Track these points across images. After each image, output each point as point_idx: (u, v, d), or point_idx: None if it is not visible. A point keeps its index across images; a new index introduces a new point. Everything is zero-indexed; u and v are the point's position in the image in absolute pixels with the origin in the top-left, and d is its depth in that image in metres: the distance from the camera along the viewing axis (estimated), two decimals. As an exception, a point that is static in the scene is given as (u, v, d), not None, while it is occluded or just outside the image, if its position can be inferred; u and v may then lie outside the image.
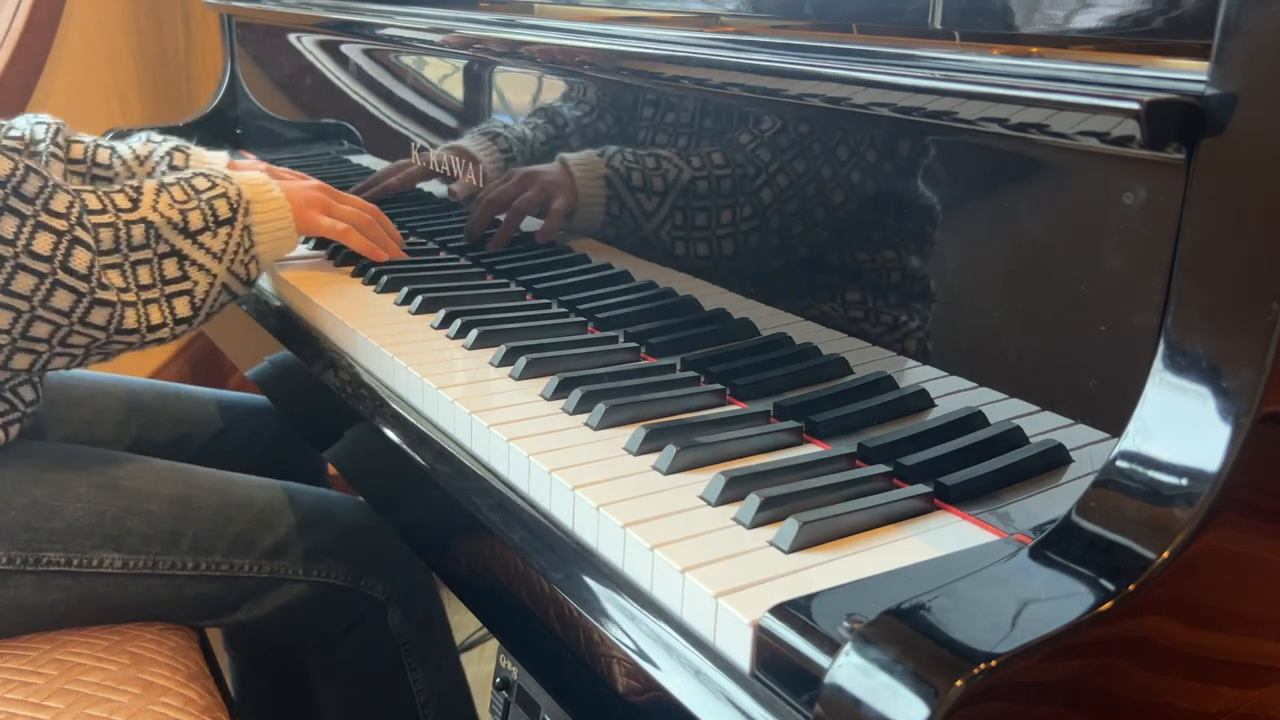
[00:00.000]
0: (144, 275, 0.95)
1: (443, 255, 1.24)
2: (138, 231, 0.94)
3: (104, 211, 0.93)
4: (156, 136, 1.28)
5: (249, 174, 1.07)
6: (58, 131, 1.18)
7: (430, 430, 0.86)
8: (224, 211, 1.01)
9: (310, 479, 1.37)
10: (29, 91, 2.02)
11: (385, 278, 1.12)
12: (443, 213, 1.28)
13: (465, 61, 1.19)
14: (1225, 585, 0.53)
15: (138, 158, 1.24)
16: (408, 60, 1.30)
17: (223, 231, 1.00)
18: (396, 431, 0.88)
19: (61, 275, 0.88)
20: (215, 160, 1.27)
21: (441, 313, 1.01)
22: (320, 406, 1.06)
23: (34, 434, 1.09)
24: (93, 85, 2.15)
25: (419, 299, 1.05)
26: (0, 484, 0.98)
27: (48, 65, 2.05)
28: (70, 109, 2.08)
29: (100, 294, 0.90)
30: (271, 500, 1.09)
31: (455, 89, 1.22)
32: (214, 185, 1.02)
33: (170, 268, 0.96)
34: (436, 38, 1.20)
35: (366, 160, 1.45)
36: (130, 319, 0.93)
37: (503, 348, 0.92)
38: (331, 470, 1.50)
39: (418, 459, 0.84)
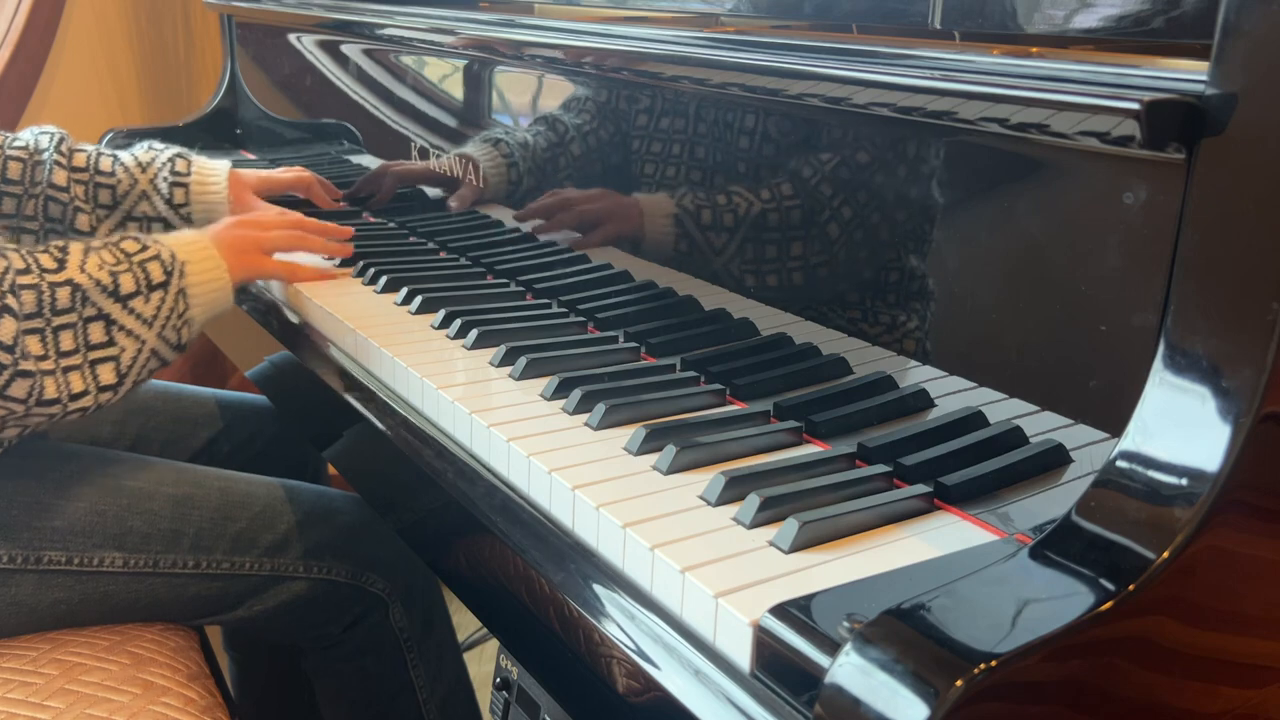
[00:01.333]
0: (66, 341, 0.89)
1: (443, 255, 1.24)
2: (63, 295, 0.89)
3: (28, 272, 0.88)
4: (158, 145, 1.28)
5: (181, 233, 1.04)
6: (61, 141, 1.19)
7: (430, 430, 0.86)
8: (157, 275, 0.96)
9: (310, 479, 1.37)
10: (29, 91, 2.02)
11: (385, 278, 1.12)
12: (443, 213, 1.28)
13: (465, 62, 1.19)
14: (1225, 585, 0.53)
15: (140, 165, 1.25)
16: (408, 60, 1.30)
17: (155, 296, 0.95)
18: (396, 431, 0.88)
19: None
20: (217, 168, 1.28)
21: (441, 313, 1.01)
22: (320, 406, 1.06)
23: (34, 434, 1.09)
24: (93, 85, 2.15)
25: (419, 299, 1.05)
26: (1, 483, 0.98)
27: (48, 65, 2.05)
28: (70, 109, 2.09)
29: (22, 365, 0.86)
30: (272, 498, 1.09)
31: (455, 89, 1.22)
32: (145, 248, 0.97)
33: (96, 333, 0.91)
34: (436, 38, 1.20)
35: (366, 160, 1.45)
36: (50, 389, 0.88)
37: (503, 348, 0.92)
38: (331, 470, 1.50)
39: (417, 459, 0.84)
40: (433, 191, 1.30)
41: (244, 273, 1.06)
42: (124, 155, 1.25)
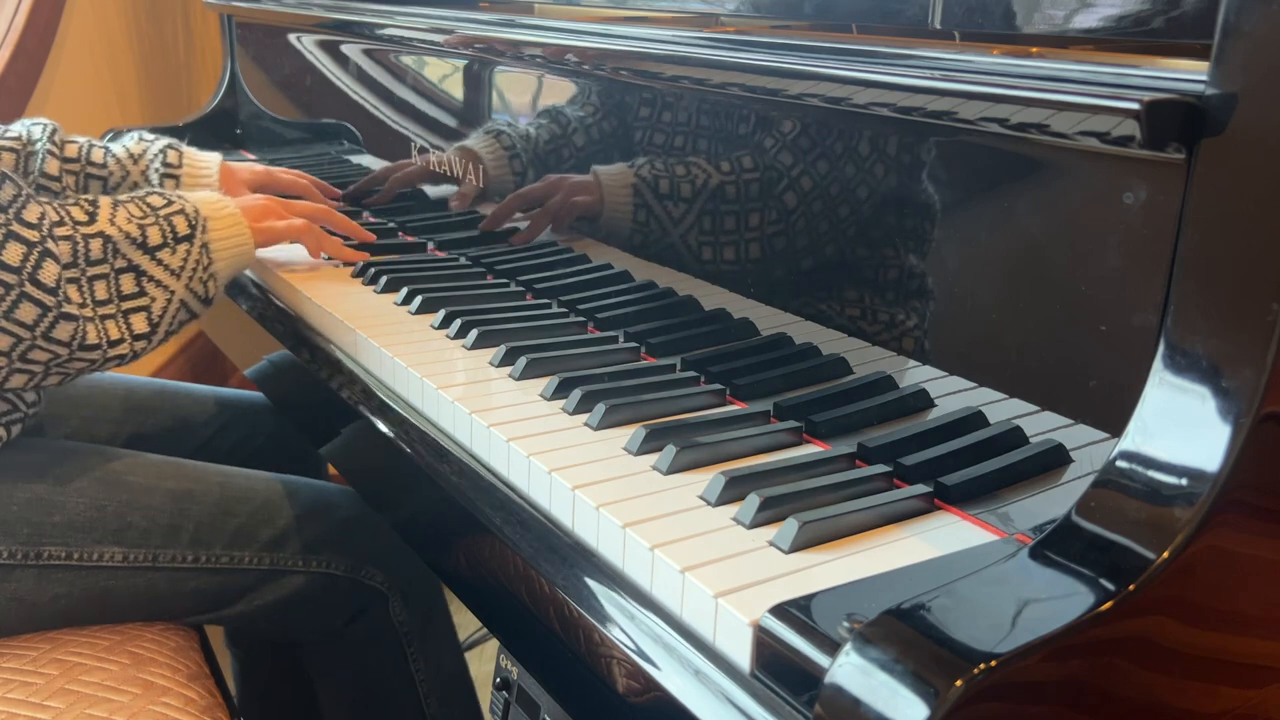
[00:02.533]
0: (100, 290, 0.92)
1: (442, 255, 1.24)
2: (95, 246, 0.92)
3: (61, 224, 0.91)
4: (149, 135, 1.29)
5: (202, 193, 1.06)
6: (54, 132, 1.20)
7: (430, 430, 0.86)
8: (183, 228, 0.99)
9: (309, 477, 1.37)
10: (29, 91, 2.02)
11: (385, 278, 1.12)
12: (443, 212, 1.28)
13: (465, 61, 1.19)
14: (1225, 585, 0.53)
15: (131, 156, 1.26)
16: (408, 60, 1.30)
17: (181, 248, 0.99)
18: (396, 431, 0.88)
19: (29, 288, 0.86)
20: (208, 160, 1.29)
21: (441, 313, 1.01)
22: (319, 405, 1.06)
23: (34, 432, 1.09)
24: (93, 85, 2.15)
25: (419, 299, 1.05)
26: (1, 479, 0.98)
27: (48, 65, 2.05)
28: (70, 109, 2.09)
29: (65, 308, 0.89)
30: (271, 493, 1.10)
31: (455, 89, 1.22)
32: (170, 203, 1.00)
33: (127, 283, 0.95)
34: (436, 38, 1.20)
35: (366, 160, 1.45)
36: (91, 334, 0.91)
37: (503, 348, 0.92)
38: (330, 470, 1.50)
39: (417, 459, 0.84)
40: (433, 191, 1.30)
41: (262, 234, 1.10)
42: (115, 146, 1.26)
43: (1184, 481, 0.52)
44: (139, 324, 0.95)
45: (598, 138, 1.00)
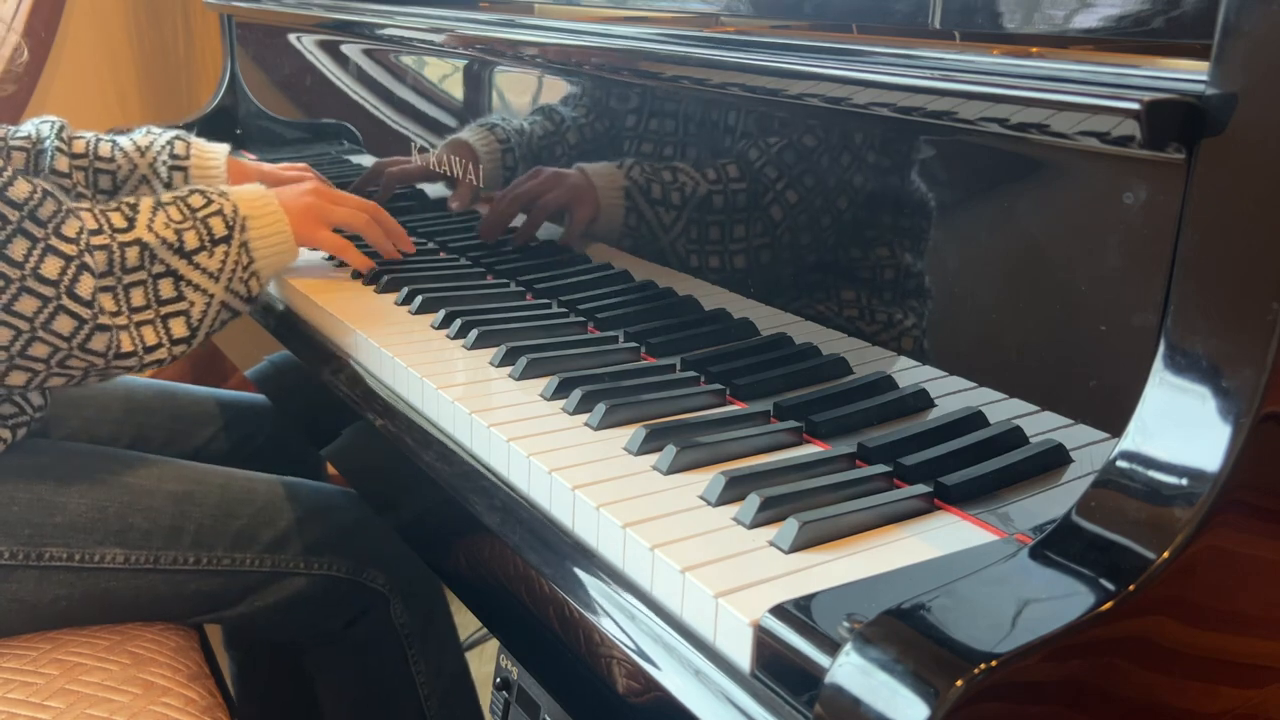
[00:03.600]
0: (137, 297, 0.93)
1: (443, 255, 1.24)
2: (132, 254, 0.93)
3: (99, 232, 0.92)
4: (156, 129, 1.30)
5: (246, 188, 1.06)
6: (62, 129, 1.21)
7: (430, 430, 0.86)
8: (219, 230, 0.99)
9: (309, 478, 1.37)
10: (29, 91, 2.02)
11: (385, 278, 1.12)
12: (443, 212, 1.28)
13: (465, 61, 1.19)
14: (1225, 585, 0.53)
15: (139, 149, 1.26)
16: (408, 60, 1.30)
17: (219, 250, 0.98)
18: (395, 431, 0.88)
19: (66, 300, 0.87)
20: (216, 151, 1.30)
21: (441, 313, 1.01)
22: (319, 406, 1.06)
23: (36, 433, 1.09)
24: (93, 85, 2.15)
25: (419, 299, 1.05)
26: (3, 480, 0.98)
27: (48, 65, 2.05)
28: (70, 109, 2.08)
29: (101, 319, 0.89)
30: (272, 495, 1.09)
31: (455, 89, 1.22)
32: (209, 202, 1.00)
33: (166, 288, 0.95)
34: (436, 38, 1.20)
35: (366, 160, 1.45)
36: (125, 343, 0.92)
37: (503, 348, 0.92)
38: (330, 470, 1.50)
39: (417, 459, 0.84)
40: (432, 191, 1.30)
41: (304, 237, 1.09)
42: (122, 140, 1.26)
43: (1184, 481, 0.52)
44: (178, 328, 0.96)
45: (591, 136, 1.00)
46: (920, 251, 0.73)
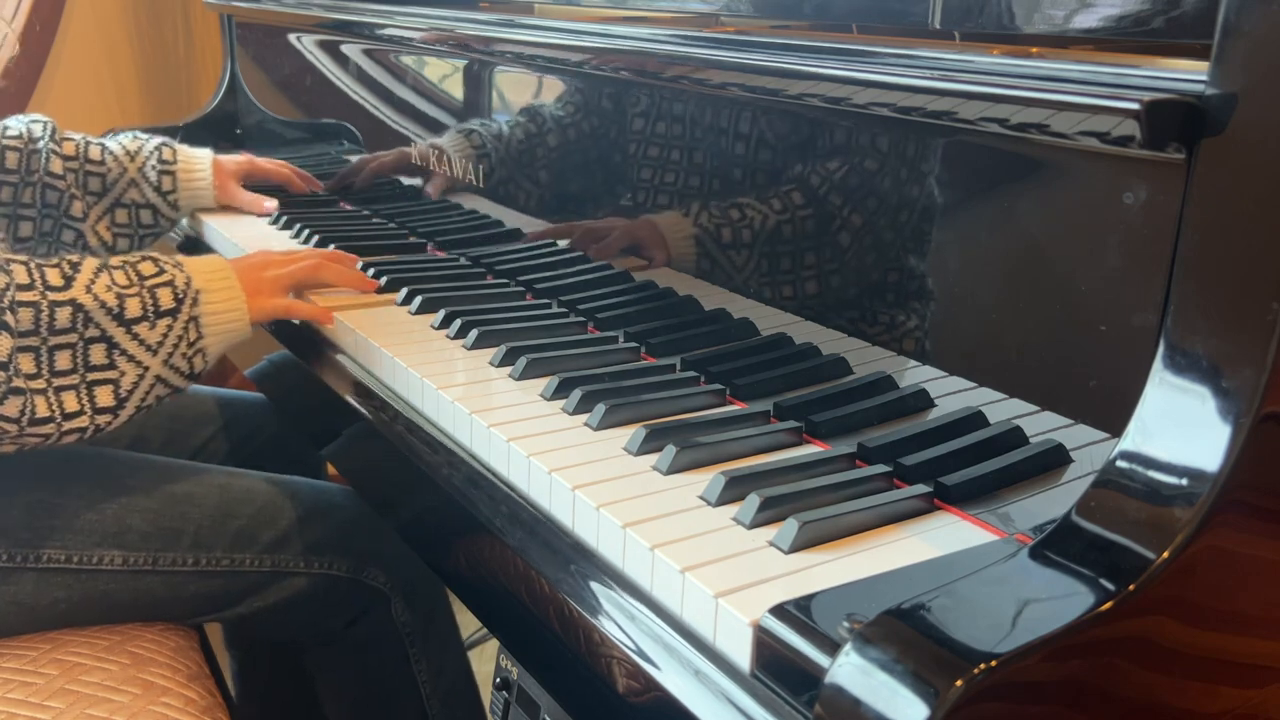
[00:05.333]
0: (63, 360, 0.86)
1: (442, 255, 1.24)
2: (63, 314, 0.86)
3: (30, 288, 0.85)
4: (143, 134, 1.34)
5: (204, 259, 1.00)
6: (54, 130, 1.22)
7: (430, 430, 0.86)
8: (166, 301, 0.92)
9: (309, 477, 1.37)
10: (29, 91, 2.02)
11: (385, 278, 1.12)
12: (442, 212, 1.28)
13: (465, 62, 1.19)
14: (1225, 585, 0.53)
15: (128, 153, 1.29)
16: (407, 60, 1.30)
17: (162, 323, 0.92)
18: (395, 431, 0.88)
19: None
20: (201, 156, 1.35)
21: (441, 313, 1.01)
22: (319, 405, 1.06)
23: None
24: (93, 85, 2.15)
25: (419, 299, 1.05)
26: (2, 482, 0.98)
27: (48, 65, 2.05)
28: (70, 109, 2.09)
29: (14, 383, 0.83)
30: (272, 495, 1.09)
31: (455, 89, 1.22)
32: (161, 271, 0.93)
33: (97, 354, 0.88)
34: (436, 38, 1.20)
35: (366, 160, 1.45)
36: (41, 408, 0.85)
37: (503, 348, 0.92)
38: (330, 470, 1.50)
39: (417, 459, 0.84)
40: (432, 191, 1.30)
41: (262, 314, 1.01)
42: (111, 144, 1.29)
43: (1184, 481, 0.52)
44: (103, 398, 0.89)
45: (587, 135, 1.00)
46: (920, 251, 0.73)
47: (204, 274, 0.96)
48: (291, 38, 1.59)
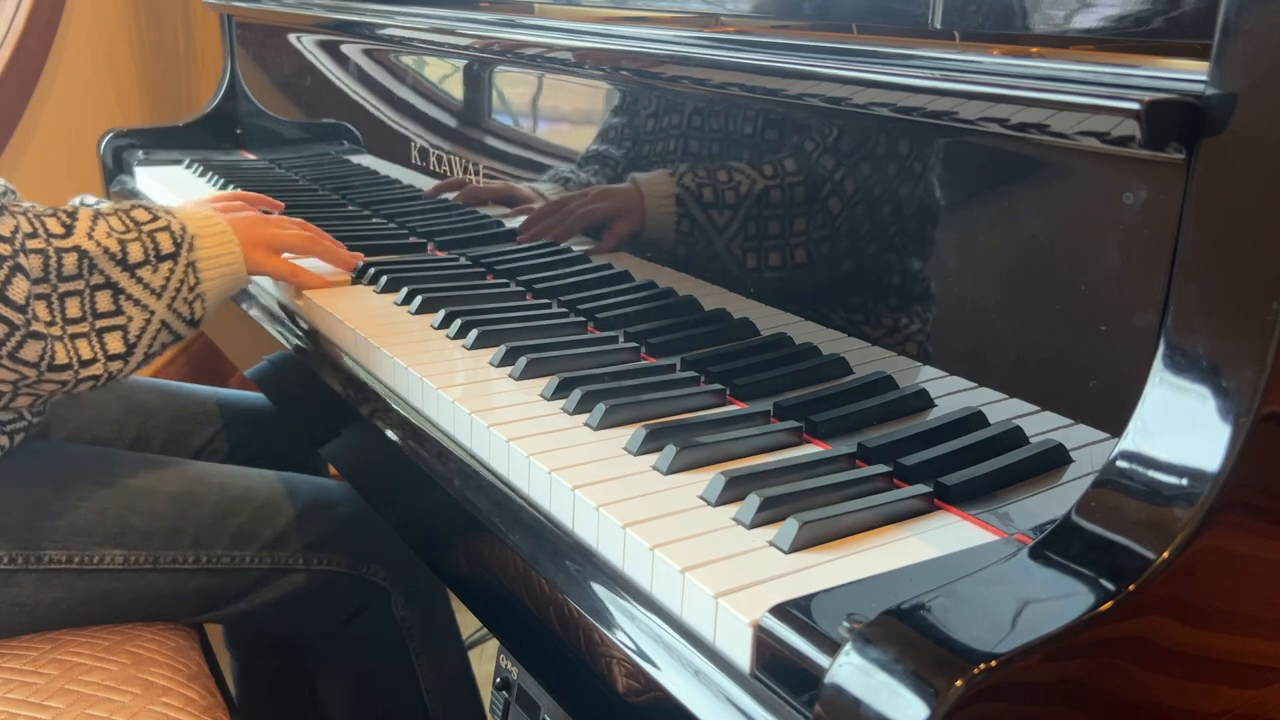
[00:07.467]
0: (72, 308, 0.87)
1: (442, 255, 1.24)
2: (69, 260, 0.87)
3: (35, 236, 0.86)
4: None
5: (193, 207, 1.01)
6: (4, 193, 1.11)
7: (430, 430, 0.86)
8: (166, 246, 0.94)
9: (310, 477, 1.37)
10: (29, 91, 2.02)
11: (385, 278, 1.12)
12: (442, 212, 1.28)
13: (465, 61, 1.19)
14: (1225, 585, 0.53)
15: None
16: (408, 60, 1.30)
17: (164, 266, 0.93)
18: (396, 431, 0.88)
19: None
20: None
21: (441, 313, 1.01)
22: (319, 406, 1.06)
23: (36, 435, 1.09)
24: (93, 85, 2.15)
25: (419, 299, 1.05)
26: (2, 484, 0.98)
27: (48, 65, 2.05)
28: (70, 109, 2.09)
29: (34, 326, 0.84)
30: (271, 492, 1.09)
31: (455, 89, 1.22)
32: (155, 218, 0.95)
33: (103, 301, 0.89)
34: (437, 38, 1.20)
35: (367, 160, 1.45)
36: (60, 355, 0.86)
37: (503, 348, 0.92)
38: (331, 470, 1.50)
39: (417, 459, 0.84)
40: (432, 190, 1.30)
41: (254, 263, 1.03)
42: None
43: (1184, 481, 0.52)
44: (113, 344, 0.90)
45: (589, 135, 1.00)
46: (921, 251, 0.73)
47: (196, 220, 0.98)
48: (291, 38, 1.59)
